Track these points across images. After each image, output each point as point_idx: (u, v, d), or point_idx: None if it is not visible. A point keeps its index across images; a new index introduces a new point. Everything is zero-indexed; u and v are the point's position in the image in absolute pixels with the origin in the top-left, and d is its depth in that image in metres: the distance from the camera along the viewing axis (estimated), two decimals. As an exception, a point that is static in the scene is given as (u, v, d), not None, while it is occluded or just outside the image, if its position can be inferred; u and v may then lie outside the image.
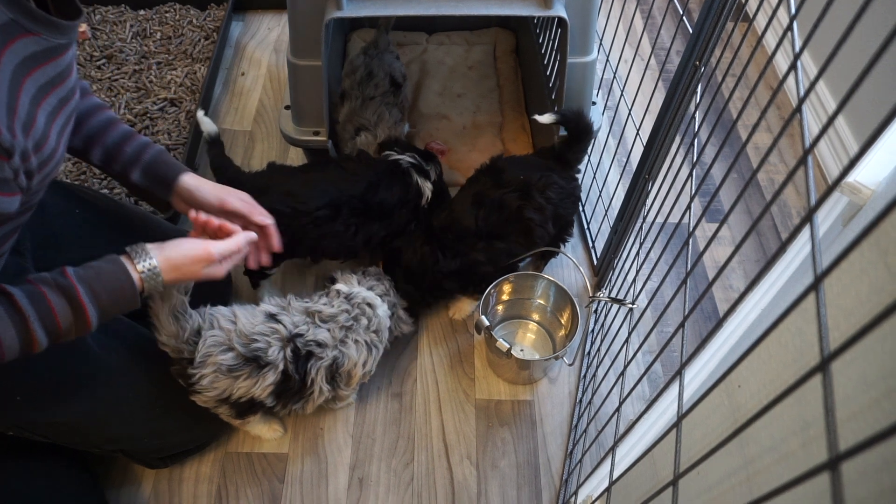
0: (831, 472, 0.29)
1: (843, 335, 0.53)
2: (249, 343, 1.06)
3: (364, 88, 1.49)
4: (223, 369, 1.04)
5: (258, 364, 1.07)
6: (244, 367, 1.06)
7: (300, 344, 1.10)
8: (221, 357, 1.04)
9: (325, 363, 1.13)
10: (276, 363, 1.08)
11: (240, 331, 1.06)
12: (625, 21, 2.08)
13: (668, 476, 0.82)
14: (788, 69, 0.49)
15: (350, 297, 1.20)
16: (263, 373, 1.07)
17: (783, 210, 1.73)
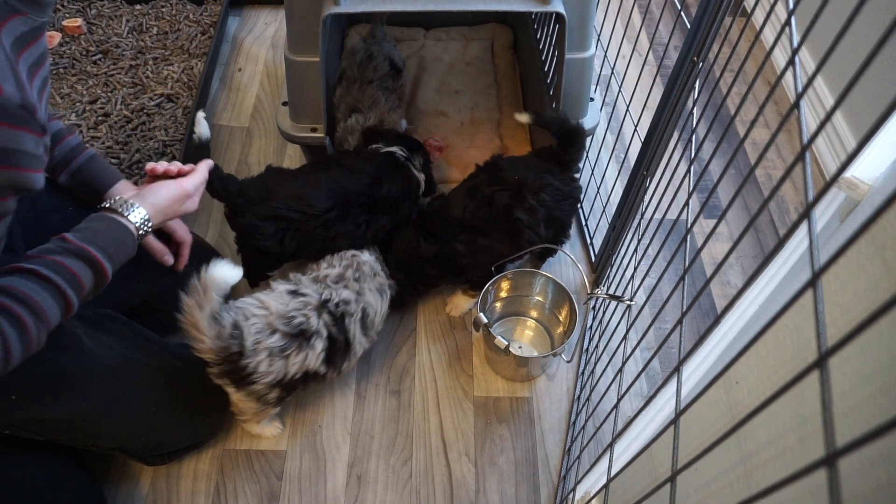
0: (828, 468, 0.29)
1: (840, 331, 0.53)
2: (290, 321, 1.11)
3: (364, 71, 1.49)
4: (275, 351, 1.09)
5: (305, 337, 1.12)
6: (292, 343, 1.11)
7: (331, 307, 1.17)
8: (269, 340, 1.08)
9: (357, 317, 1.21)
10: (319, 331, 1.14)
11: (276, 313, 1.11)
12: (623, 16, 2.07)
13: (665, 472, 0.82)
14: (786, 65, 0.49)
15: (341, 256, 1.27)
16: (312, 343, 1.13)
17: (781, 206, 1.73)
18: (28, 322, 0.78)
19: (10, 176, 0.65)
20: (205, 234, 1.58)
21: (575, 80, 1.31)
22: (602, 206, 1.60)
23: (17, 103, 0.62)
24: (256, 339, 1.07)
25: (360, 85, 1.49)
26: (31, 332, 0.78)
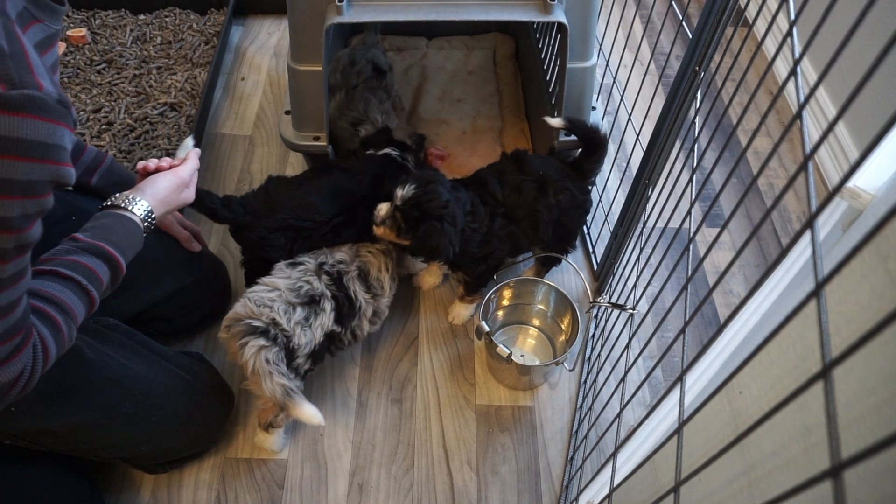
0: (834, 479, 0.29)
1: (844, 341, 0.53)
2: (299, 290, 1.17)
3: (347, 77, 1.50)
4: (302, 322, 1.16)
5: (315, 301, 1.18)
6: (309, 312, 1.17)
7: (328, 269, 1.22)
8: (296, 315, 1.15)
9: (354, 274, 1.25)
10: (324, 292, 1.20)
11: (286, 289, 1.17)
12: (624, 26, 2.08)
13: (668, 482, 0.82)
14: (788, 75, 0.49)
15: None
16: (321, 305, 1.19)
17: (783, 215, 1.73)
18: (59, 320, 0.80)
19: (53, 171, 0.66)
20: (206, 243, 1.58)
21: (577, 89, 1.32)
22: (604, 214, 1.60)
23: (55, 98, 0.64)
24: (287, 318, 1.14)
25: (346, 92, 1.49)
26: (63, 330, 0.81)
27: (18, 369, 0.75)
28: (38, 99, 0.61)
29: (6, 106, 0.59)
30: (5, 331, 0.71)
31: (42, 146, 0.63)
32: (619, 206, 1.38)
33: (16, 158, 0.61)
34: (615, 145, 1.85)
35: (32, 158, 0.63)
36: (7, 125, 0.59)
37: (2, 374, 0.73)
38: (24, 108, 0.60)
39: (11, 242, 0.66)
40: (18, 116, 0.60)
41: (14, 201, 0.63)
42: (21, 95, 0.59)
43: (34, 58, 0.64)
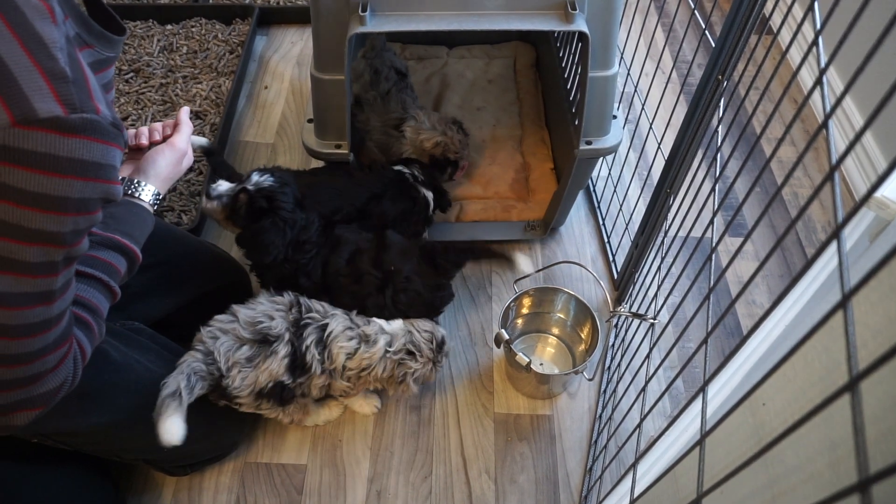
0: (861, 494, 0.29)
1: (871, 353, 0.52)
2: (254, 325, 1.11)
3: (377, 87, 1.52)
4: (243, 362, 1.09)
5: (268, 342, 1.10)
6: (259, 352, 1.10)
7: (303, 307, 1.16)
8: (238, 354, 1.08)
9: (315, 326, 1.14)
10: (282, 334, 1.11)
11: (243, 321, 1.11)
12: (646, 34, 2.08)
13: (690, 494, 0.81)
14: (814, 85, 0.48)
15: None
16: (274, 348, 1.10)
17: (807, 225, 1.71)
18: (91, 321, 0.84)
19: (105, 189, 0.70)
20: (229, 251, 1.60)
21: (598, 97, 1.31)
22: (624, 223, 1.59)
23: (110, 121, 0.67)
24: (226, 356, 1.08)
25: (381, 101, 1.52)
26: (94, 330, 0.84)
27: (65, 375, 0.79)
28: (96, 122, 0.65)
29: (66, 129, 0.62)
30: (55, 339, 0.75)
31: (97, 166, 0.67)
32: (640, 214, 1.37)
33: (73, 178, 0.65)
34: (636, 154, 1.84)
35: (87, 178, 0.67)
36: (67, 147, 0.63)
37: (52, 380, 0.77)
38: (83, 131, 0.64)
39: (61, 255, 0.69)
40: (77, 138, 0.64)
41: (68, 217, 0.67)
42: (80, 119, 0.63)
43: (93, 83, 0.67)
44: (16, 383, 0.75)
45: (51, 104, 0.61)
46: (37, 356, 0.74)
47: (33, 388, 0.76)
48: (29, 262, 0.66)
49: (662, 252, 1.14)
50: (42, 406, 0.79)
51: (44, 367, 0.75)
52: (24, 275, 0.67)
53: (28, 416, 0.79)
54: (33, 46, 0.62)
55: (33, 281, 0.68)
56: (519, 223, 1.64)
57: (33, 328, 0.71)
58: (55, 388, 0.78)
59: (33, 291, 0.69)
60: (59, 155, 0.63)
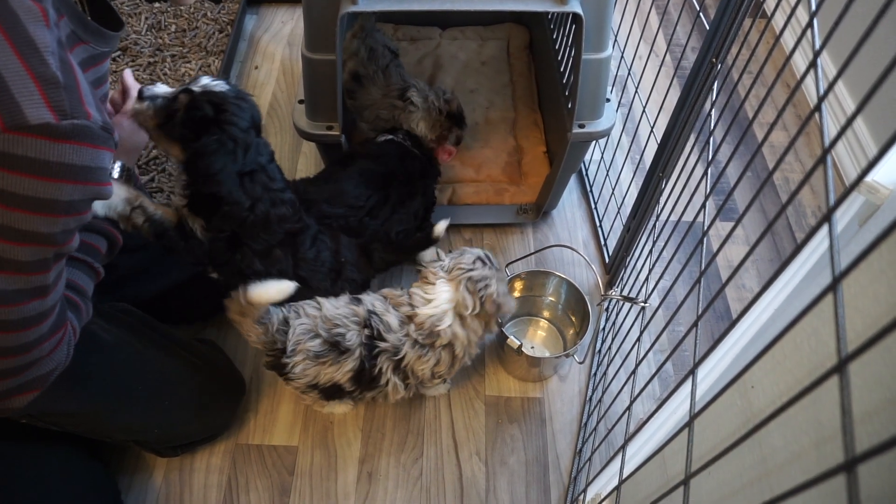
0: (848, 473, 0.29)
1: (858, 335, 0.52)
2: (332, 328, 1.08)
3: (376, 62, 1.52)
4: (311, 355, 1.07)
5: (339, 350, 1.08)
6: (329, 353, 1.08)
7: (374, 323, 1.09)
8: (310, 344, 1.07)
9: (389, 356, 1.10)
10: (353, 349, 1.08)
11: (324, 316, 1.08)
12: (640, 17, 2.06)
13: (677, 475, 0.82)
14: (808, 67, 0.48)
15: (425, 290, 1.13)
16: (343, 359, 1.08)
17: (798, 209, 1.72)
18: (78, 301, 0.86)
19: (95, 190, 0.72)
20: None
21: (591, 80, 1.31)
22: (616, 207, 1.59)
23: (100, 125, 0.68)
24: (298, 339, 1.07)
25: (382, 73, 1.52)
26: (82, 309, 0.87)
27: (60, 358, 0.82)
28: (86, 127, 0.66)
29: (57, 135, 0.63)
30: (50, 327, 0.77)
31: (87, 170, 0.68)
32: (632, 198, 1.38)
33: (63, 181, 0.66)
34: (629, 138, 1.84)
35: (77, 181, 0.68)
36: (57, 152, 0.64)
37: (47, 364, 0.80)
38: (73, 137, 0.65)
39: (52, 253, 0.71)
40: (67, 144, 0.65)
41: (59, 219, 0.69)
42: (71, 125, 0.64)
43: (84, 86, 0.68)
44: (14, 371, 0.77)
45: (42, 111, 0.62)
46: (34, 346, 0.76)
47: (30, 372, 0.78)
48: (21, 260, 0.68)
49: (654, 236, 1.15)
50: (38, 388, 0.82)
51: (40, 354, 0.78)
52: (17, 273, 0.69)
53: (25, 399, 0.82)
54: (26, 51, 0.62)
55: (27, 278, 0.70)
56: (511, 206, 1.64)
57: (29, 321, 0.74)
58: (50, 370, 0.81)
59: (27, 288, 0.71)
60: (50, 160, 0.64)
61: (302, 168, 1.75)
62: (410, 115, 1.51)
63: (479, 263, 1.12)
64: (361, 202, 1.29)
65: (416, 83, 1.52)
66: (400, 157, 1.39)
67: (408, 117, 1.52)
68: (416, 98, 1.49)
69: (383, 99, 1.52)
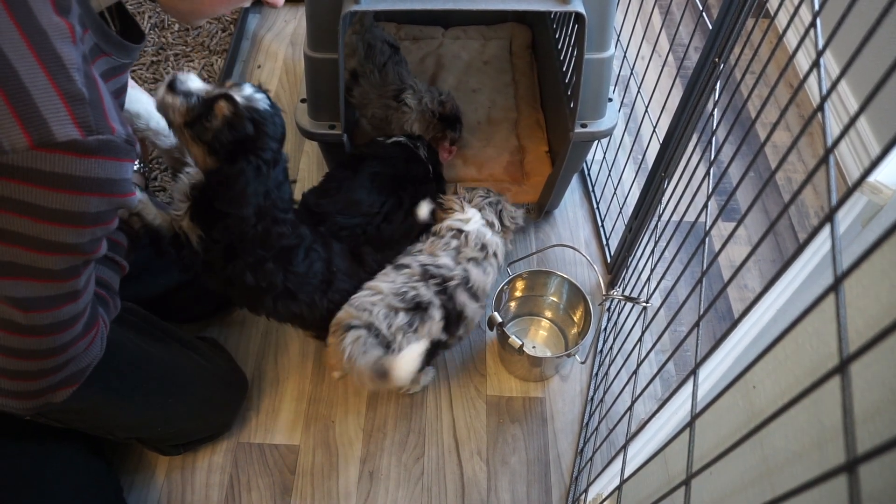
0: (849, 474, 0.29)
1: (861, 336, 0.52)
2: (404, 295, 1.13)
3: (373, 60, 1.51)
4: (405, 328, 1.12)
5: (422, 308, 1.14)
6: (416, 317, 1.13)
7: (433, 272, 1.18)
8: (398, 321, 1.11)
9: (457, 284, 1.19)
10: (433, 301, 1.15)
11: (389, 293, 1.13)
12: (642, 17, 2.06)
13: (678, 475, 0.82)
14: (811, 66, 0.48)
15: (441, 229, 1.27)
16: (429, 313, 1.14)
17: (800, 210, 1.72)
18: (107, 296, 0.90)
19: (120, 202, 0.74)
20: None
21: (593, 80, 1.31)
22: (619, 207, 1.59)
23: (124, 138, 0.70)
24: (388, 323, 1.12)
25: (378, 73, 1.51)
26: (110, 303, 0.91)
27: (95, 353, 0.86)
28: (111, 142, 0.68)
29: (83, 150, 0.65)
30: (84, 327, 0.81)
31: (111, 182, 0.71)
32: (634, 198, 1.37)
33: (89, 195, 0.69)
34: (631, 138, 1.83)
35: (103, 193, 0.70)
36: (83, 167, 0.66)
37: (84, 359, 0.85)
38: (98, 152, 0.67)
39: (81, 261, 0.75)
40: (93, 159, 0.67)
41: (86, 230, 0.72)
42: (96, 141, 0.66)
43: (108, 100, 0.70)
44: (53, 370, 0.81)
45: (68, 128, 0.63)
46: (70, 346, 0.80)
47: (67, 369, 0.83)
48: (52, 269, 0.72)
49: (656, 236, 1.15)
50: (77, 383, 0.87)
51: (75, 352, 0.82)
52: (50, 280, 0.72)
53: (66, 393, 0.87)
54: (53, 68, 0.64)
55: (59, 285, 0.74)
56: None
57: (64, 324, 0.78)
58: (87, 365, 0.86)
59: (60, 293, 0.75)
60: (76, 175, 0.66)
61: (304, 167, 1.75)
62: (404, 115, 1.52)
63: (490, 193, 1.34)
64: (377, 208, 1.28)
65: (414, 83, 1.52)
66: (406, 161, 1.39)
67: (400, 118, 1.52)
68: (409, 100, 1.49)
69: (378, 98, 1.52)
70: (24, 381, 0.81)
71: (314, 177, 1.73)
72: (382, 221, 1.29)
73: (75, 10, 0.68)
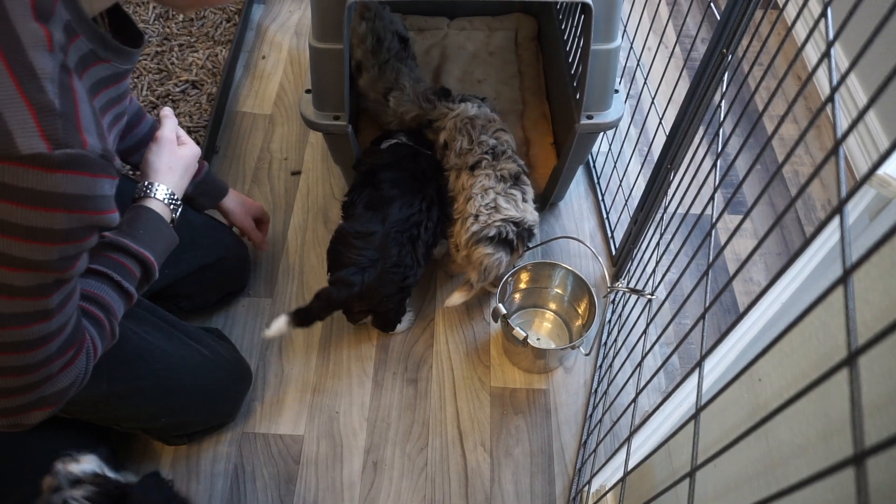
0: (856, 467, 0.29)
1: (868, 329, 0.52)
2: (503, 177, 1.32)
3: (378, 55, 1.52)
4: (520, 200, 1.33)
5: (518, 178, 1.33)
6: (518, 189, 1.33)
7: (500, 150, 1.36)
8: (518, 197, 1.32)
9: (513, 151, 1.39)
10: (518, 170, 1.36)
11: (495, 182, 1.32)
12: (650, 8, 2.05)
13: (682, 467, 0.82)
14: (820, 58, 0.48)
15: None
16: (522, 180, 1.35)
17: (807, 203, 1.71)
18: (101, 317, 0.85)
19: (93, 219, 0.70)
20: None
21: (600, 71, 1.30)
22: (624, 199, 1.59)
23: (98, 153, 0.67)
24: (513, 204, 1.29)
25: (379, 68, 1.52)
26: (106, 327, 0.85)
27: (75, 374, 0.81)
28: (80, 157, 0.64)
29: (48, 164, 0.62)
30: (58, 347, 0.76)
31: (83, 198, 0.67)
32: (639, 190, 1.37)
33: (57, 210, 0.65)
34: (637, 130, 1.83)
35: (73, 210, 0.67)
36: (49, 182, 0.63)
37: (62, 380, 0.79)
38: (66, 166, 0.63)
39: (51, 279, 0.70)
40: (60, 174, 0.63)
41: (54, 247, 0.67)
42: (64, 155, 0.63)
43: (84, 112, 0.67)
44: (25, 388, 0.77)
45: (34, 140, 0.60)
46: (41, 365, 0.75)
47: (41, 390, 0.78)
48: (17, 286, 0.67)
49: (661, 228, 1.14)
50: (55, 404, 0.81)
51: (48, 372, 0.77)
52: (15, 297, 0.68)
53: (41, 415, 0.81)
54: (23, 76, 0.60)
55: (24, 302, 0.70)
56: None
57: (32, 343, 0.73)
58: (66, 387, 0.80)
59: (26, 312, 0.70)
60: (42, 190, 0.62)
61: (309, 158, 1.75)
62: (388, 115, 1.55)
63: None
64: (416, 212, 1.27)
65: (405, 85, 1.53)
66: (413, 158, 1.39)
67: (386, 117, 1.56)
68: (392, 103, 1.52)
69: (372, 93, 1.55)
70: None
71: (319, 168, 1.73)
72: (427, 220, 1.29)
73: (60, 16, 0.65)
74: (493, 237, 1.27)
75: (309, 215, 1.64)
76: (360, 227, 1.24)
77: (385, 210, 1.26)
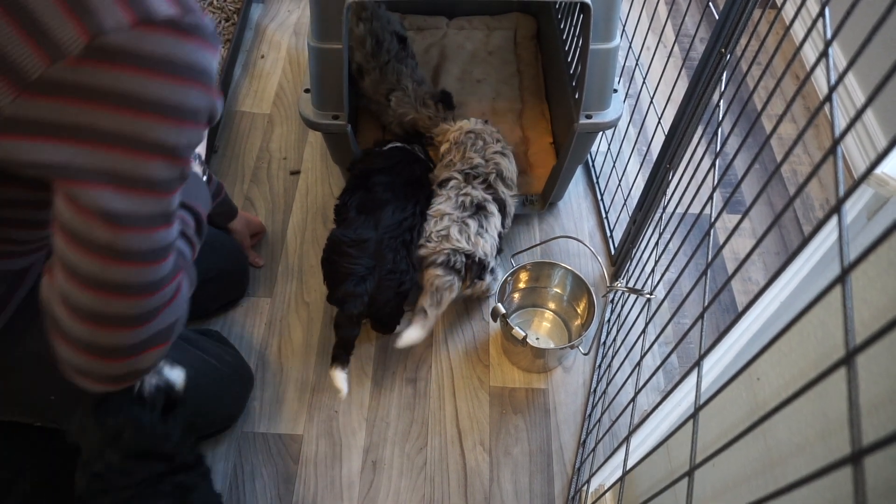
0: (854, 466, 0.29)
1: (866, 328, 0.52)
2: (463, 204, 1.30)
3: (378, 57, 1.53)
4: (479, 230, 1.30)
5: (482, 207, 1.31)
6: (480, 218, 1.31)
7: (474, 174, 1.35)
8: (471, 229, 1.29)
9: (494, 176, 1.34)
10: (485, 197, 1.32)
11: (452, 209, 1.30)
12: (648, 7, 2.05)
13: (681, 466, 0.82)
14: (818, 58, 0.48)
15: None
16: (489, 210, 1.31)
17: (805, 202, 1.71)
18: (186, 252, 0.79)
19: (212, 101, 0.65)
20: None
21: (599, 71, 1.30)
22: (623, 198, 1.59)
23: (212, 28, 0.63)
24: (465, 237, 1.26)
25: (380, 70, 1.53)
26: (190, 268, 0.79)
27: (180, 308, 0.74)
28: (204, 27, 0.60)
29: (183, 30, 0.58)
30: (172, 267, 0.70)
31: (207, 74, 0.62)
32: (638, 190, 1.37)
33: (189, 83, 0.60)
34: (636, 129, 1.83)
35: (201, 84, 0.61)
36: (184, 50, 0.58)
37: (171, 312, 0.72)
38: (196, 34, 0.59)
39: (177, 172, 0.65)
40: (192, 42, 0.59)
41: (184, 129, 0.62)
42: (193, 22, 0.59)
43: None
44: (148, 315, 0.69)
45: (165, 4, 0.57)
46: (161, 285, 0.69)
47: (159, 320, 0.71)
48: (151, 177, 0.62)
49: (660, 228, 1.14)
50: (166, 342, 0.74)
51: (162, 299, 0.70)
52: (149, 193, 0.63)
53: (154, 356, 0.74)
54: None
55: (156, 199, 0.64)
56: (517, 197, 1.64)
57: (158, 253, 0.67)
58: (173, 322, 0.73)
59: (156, 212, 0.64)
60: (178, 58, 0.58)
61: (308, 158, 1.75)
62: (388, 116, 1.56)
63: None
64: (408, 216, 1.28)
65: (406, 86, 1.54)
66: (409, 163, 1.40)
67: (386, 118, 1.57)
68: (393, 104, 1.54)
69: (374, 95, 1.57)
70: (120, 329, 0.68)
71: (318, 168, 1.73)
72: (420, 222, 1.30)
73: None
74: (441, 263, 1.25)
75: (308, 215, 1.64)
76: (354, 235, 1.23)
77: (377, 214, 1.26)
